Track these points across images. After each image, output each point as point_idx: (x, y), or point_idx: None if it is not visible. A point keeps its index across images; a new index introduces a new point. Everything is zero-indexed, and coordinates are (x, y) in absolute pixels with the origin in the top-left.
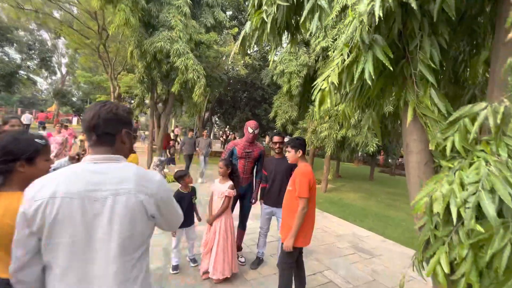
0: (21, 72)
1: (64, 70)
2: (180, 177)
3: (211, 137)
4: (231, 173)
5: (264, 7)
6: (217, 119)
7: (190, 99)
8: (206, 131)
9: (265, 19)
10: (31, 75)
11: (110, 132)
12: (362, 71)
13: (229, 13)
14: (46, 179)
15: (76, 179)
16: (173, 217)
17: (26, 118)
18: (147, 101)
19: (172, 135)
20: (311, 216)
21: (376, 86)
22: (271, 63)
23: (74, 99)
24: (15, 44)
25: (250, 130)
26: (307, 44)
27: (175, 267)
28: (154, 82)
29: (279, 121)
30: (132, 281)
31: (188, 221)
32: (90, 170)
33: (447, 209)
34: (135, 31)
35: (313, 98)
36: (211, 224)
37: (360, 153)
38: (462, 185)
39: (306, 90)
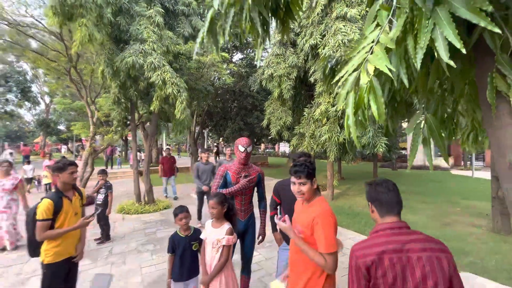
0: None
1: (47, 99)
2: (174, 215)
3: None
4: (227, 211)
5: None
6: (209, 132)
7: (174, 116)
8: (207, 153)
9: None
10: (12, 108)
11: None
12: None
13: None
14: None
15: None
16: None
17: (5, 153)
18: (128, 123)
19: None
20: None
21: (433, 73)
22: (258, 61)
23: (60, 127)
24: None
25: (242, 149)
26: (294, 44)
27: None
28: (132, 102)
29: (273, 129)
30: None
31: (187, 273)
32: None
33: None
34: (104, 48)
35: (339, 105)
36: (207, 287)
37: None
38: None
39: (298, 92)
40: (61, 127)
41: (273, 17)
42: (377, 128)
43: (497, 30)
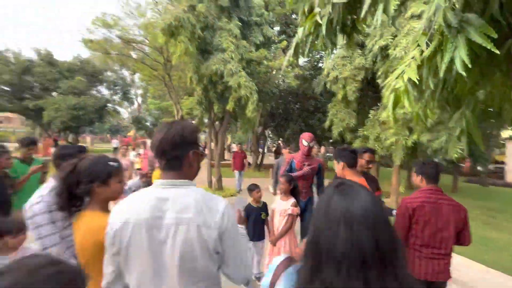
0: (109, 105)
1: (140, 100)
2: (250, 190)
3: (265, 150)
4: (293, 189)
5: (317, 9)
6: (269, 132)
7: (244, 115)
8: (288, 148)
9: (319, 21)
10: (116, 107)
11: (178, 156)
12: (451, 61)
13: (276, 28)
14: (122, 205)
15: (144, 206)
16: (238, 259)
17: (114, 142)
18: (206, 120)
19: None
20: None
21: (470, 77)
22: (325, 68)
23: (147, 123)
24: (104, 83)
25: (305, 143)
26: (361, 45)
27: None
28: (211, 103)
29: (335, 130)
30: None
31: (256, 235)
32: (157, 196)
33: None
34: (193, 58)
35: (385, 101)
36: (274, 245)
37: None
38: None
39: (364, 94)
40: (147, 123)
41: (340, 34)
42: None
43: (496, 51)
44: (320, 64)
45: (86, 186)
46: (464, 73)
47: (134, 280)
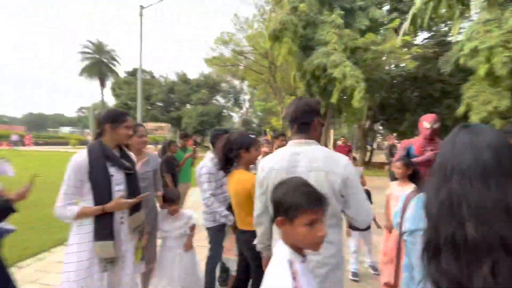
0: (224, 111)
1: (247, 104)
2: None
3: (375, 146)
4: (413, 175)
5: None
6: (379, 127)
7: (349, 107)
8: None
9: None
10: (229, 112)
11: (306, 122)
12: None
13: (386, 8)
14: (268, 158)
15: (283, 158)
16: (358, 207)
17: None
18: None
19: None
20: None
21: None
22: (455, 33)
23: (253, 125)
24: (221, 93)
25: (427, 125)
26: None
27: (355, 274)
28: (313, 98)
29: (475, 116)
30: (327, 242)
31: None
32: (292, 151)
33: None
34: (295, 57)
35: None
36: (390, 232)
37: None
38: None
39: None
40: (254, 125)
41: None
42: None
43: None
44: (448, 39)
45: (236, 151)
46: None
47: None
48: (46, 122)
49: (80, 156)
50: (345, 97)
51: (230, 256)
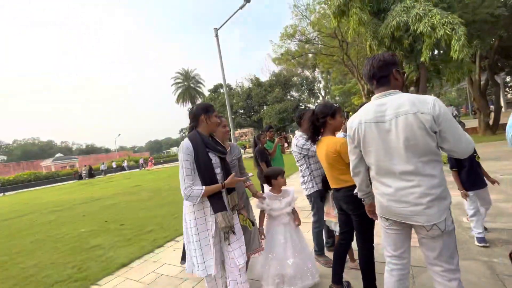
0: (300, 104)
1: (322, 92)
2: None
3: (501, 104)
4: None
5: None
6: (507, 78)
7: (449, 62)
8: None
9: None
10: (306, 104)
11: (384, 75)
12: None
13: None
14: (354, 116)
15: (369, 111)
16: (455, 135)
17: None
18: None
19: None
20: None
21: None
22: None
23: None
24: (294, 87)
25: None
26: None
27: (481, 239)
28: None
29: None
30: (428, 176)
31: (478, 182)
32: (376, 104)
33: None
34: (368, 26)
35: None
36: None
37: None
38: None
39: None
40: None
41: None
42: None
43: None
44: None
45: (323, 119)
46: None
47: (372, 159)
48: (161, 146)
49: (186, 142)
50: (440, 52)
51: (332, 219)
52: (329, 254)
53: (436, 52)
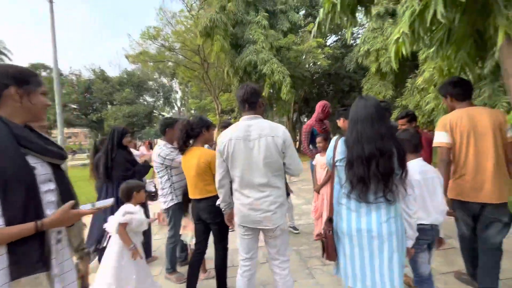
0: (154, 111)
1: (178, 103)
2: None
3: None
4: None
5: None
6: (305, 118)
7: (279, 100)
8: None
9: (334, 0)
10: (160, 112)
11: (254, 101)
12: (435, 14)
13: (302, 12)
14: (224, 132)
15: (239, 129)
16: (294, 159)
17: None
18: None
19: None
20: None
21: (460, 26)
22: (348, 39)
23: None
24: (149, 92)
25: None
26: (392, 14)
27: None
28: None
29: None
30: (276, 187)
31: None
32: (246, 124)
33: None
34: (228, 54)
35: (390, 52)
36: (318, 192)
37: None
38: None
39: (400, 64)
40: None
41: (358, 5)
42: (497, 86)
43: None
44: (352, 41)
45: (199, 129)
46: (444, 21)
47: (238, 172)
48: None
49: None
50: (274, 92)
51: (189, 231)
52: (181, 269)
53: (272, 91)
